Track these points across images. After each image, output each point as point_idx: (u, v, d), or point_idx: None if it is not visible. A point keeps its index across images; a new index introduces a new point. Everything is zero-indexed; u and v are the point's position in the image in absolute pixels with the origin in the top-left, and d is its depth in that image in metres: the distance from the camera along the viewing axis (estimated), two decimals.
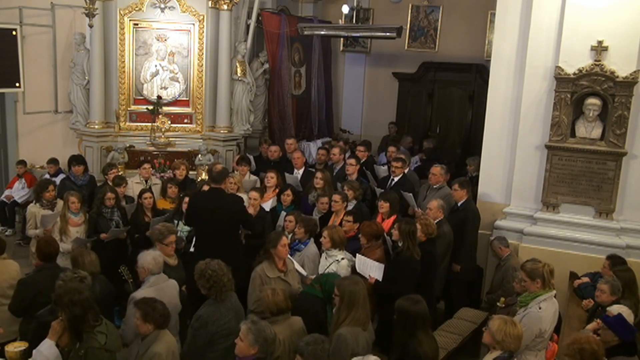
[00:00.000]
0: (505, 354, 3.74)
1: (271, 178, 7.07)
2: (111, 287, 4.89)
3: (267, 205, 6.81)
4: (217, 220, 5.59)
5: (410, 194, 6.81)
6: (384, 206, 6.24)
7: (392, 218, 6.12)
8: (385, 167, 7.98)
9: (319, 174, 6.99)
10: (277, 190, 7.01)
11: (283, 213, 6.45)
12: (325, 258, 5.24)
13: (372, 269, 5.28)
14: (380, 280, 5.19)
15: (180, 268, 5.14)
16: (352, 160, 7.51)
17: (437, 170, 7.03)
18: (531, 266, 4.48)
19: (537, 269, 4.42)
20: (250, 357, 3.61)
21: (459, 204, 6.50)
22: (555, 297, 4.61)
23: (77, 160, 7.75)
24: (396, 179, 7.28)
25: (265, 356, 3.65)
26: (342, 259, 5.18)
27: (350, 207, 6.37)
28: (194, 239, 6.13)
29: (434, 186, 7.01)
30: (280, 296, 4.13)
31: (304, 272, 5.25)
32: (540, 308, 4.38)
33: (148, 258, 4.59)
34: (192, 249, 6.05)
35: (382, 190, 6.97)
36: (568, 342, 3.67)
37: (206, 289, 4.17)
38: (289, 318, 4.18)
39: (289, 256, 5.43)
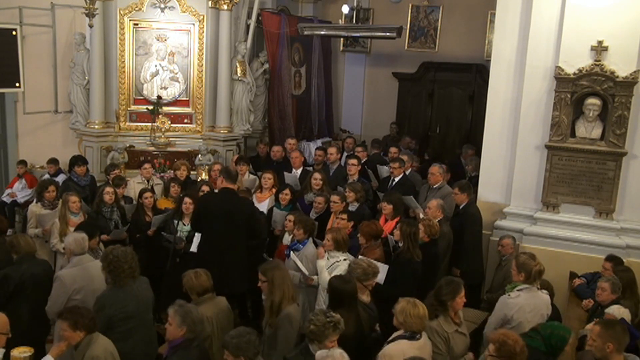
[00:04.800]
0: (407, 333, 3.86)
1: (268, 179, 7.03)
2: (49, 271, 4.91)
3: (264, 206, 6.79)
4: (229, 223, 5.51)
5: (411, 197, 6.73)
6: (387, 208, 6.19)
7: (396, 220, 6.01)
8: (387, 167, 7.97)
9: (317, 175, 6.95)
10: (274, 191, 6.96)
11: (283, 212, 6.40)
12: (327, 259, 5.23)
13: None
14: (383, 280, 5.15)
15: (372, 304, 4.64)
16: (354, 161, 7.46)
17: (435, 169, 7.00)
18: (524, 260, 4.57)
19: (527, 265, 4.50)
20: (179, 338, 3.71)
21: (460, 207, 6.48)
22: (548, 294, 4.65)
23: (80, 160, 7.76)
24: (397, 179, 7.28)
25: (194, 336, 3.75)
26: (344, 260, 5.16)
27: (352, 210, 6.31)
28: (194, 239, 6.12)
29: (434, 186, 6.99)
30: (203, 277, 4.33)
31: (305, 271, 5.25)
32: (509, 295, 4.47)
33: (70, 239, 4.75)
34: (192, 249, 6.04)
35: (384, 194, 6.94)
36: (499, 333, 3.68)
37: (106, 272, 4.27)
38: (214, 298, 4.39)
39: (292, 253, 5.44)
